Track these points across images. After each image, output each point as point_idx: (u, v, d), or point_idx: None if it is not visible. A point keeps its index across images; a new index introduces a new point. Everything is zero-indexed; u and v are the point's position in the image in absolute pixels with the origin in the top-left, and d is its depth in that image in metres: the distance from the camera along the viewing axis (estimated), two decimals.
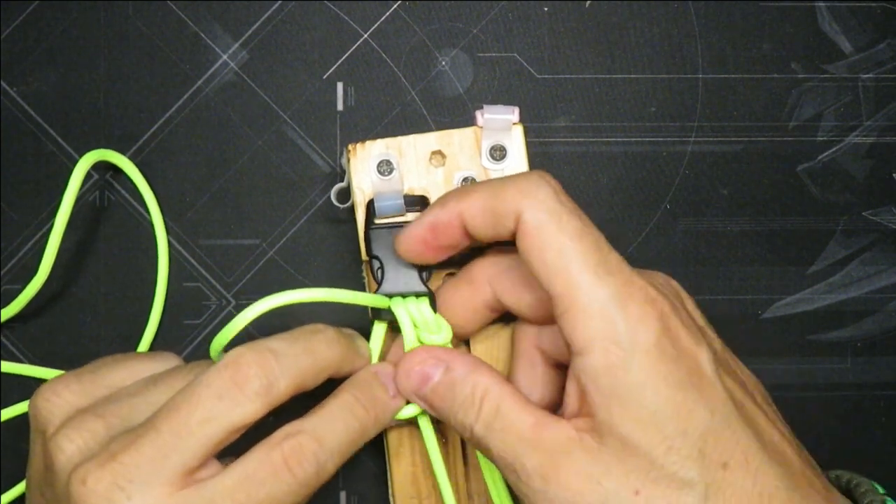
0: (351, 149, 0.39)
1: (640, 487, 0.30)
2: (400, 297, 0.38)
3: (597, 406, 0.31)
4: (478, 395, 0.33)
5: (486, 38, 0.45)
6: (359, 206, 0.39)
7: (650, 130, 0.45)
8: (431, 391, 0.35)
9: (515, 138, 0.40)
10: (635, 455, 0.30)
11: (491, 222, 0.33)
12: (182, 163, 0.45)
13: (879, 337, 0.46)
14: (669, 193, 0.45)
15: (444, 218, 0.35)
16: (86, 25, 0.45)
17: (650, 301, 0.31)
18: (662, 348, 0.31)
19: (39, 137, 0.45)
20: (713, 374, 0.31)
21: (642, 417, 0.30)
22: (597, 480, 0.30)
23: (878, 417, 0.45)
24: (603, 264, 0.31)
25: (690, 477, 0.30)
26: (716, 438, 0.30)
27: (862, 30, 0.46)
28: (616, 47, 0.46)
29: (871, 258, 0.46)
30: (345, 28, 0.45)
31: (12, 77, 0.45)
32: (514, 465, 0.32)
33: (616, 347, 0.30)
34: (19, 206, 0.45)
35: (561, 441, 0.31)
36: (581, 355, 0.31)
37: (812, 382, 0.45)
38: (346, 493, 0.44)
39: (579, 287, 0.31)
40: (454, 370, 0.34)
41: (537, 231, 0.32)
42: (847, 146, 0.46)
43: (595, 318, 0.31)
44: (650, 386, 0.30)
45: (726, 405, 0.31)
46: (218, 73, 0.45)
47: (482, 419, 0.33)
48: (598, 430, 0.31)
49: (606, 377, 0.30)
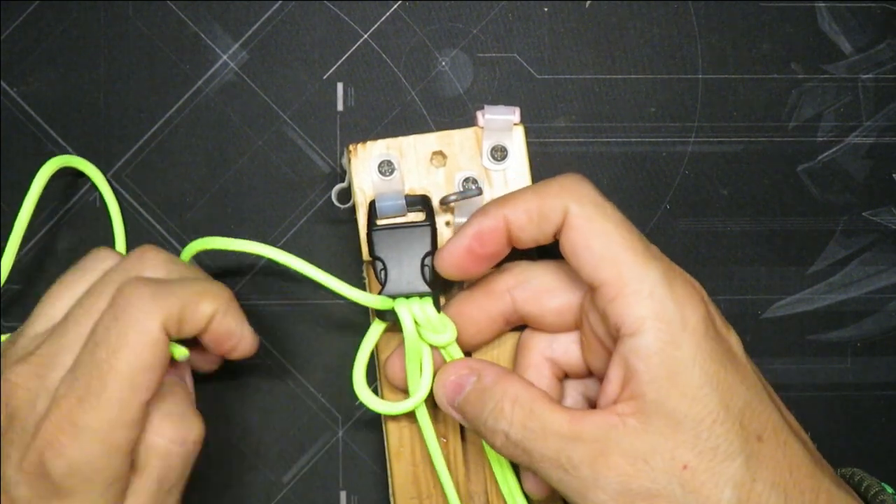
0: (352, 149, 0.39)
1: (687, 461, 0.31)
2: (403, 297, 0.38)
3: (647, 384, 0.32)
4: (508, 399, 0.34)
5: (486, 38, 0.45)
6: (360, 207, 0.39)
7: (650, 130, 0.45)
8: (464, 401, 0.36)
9: (516, 139, 0.40)
10: (681, 431, 0.32)
11: (536, 222, 0.35)
12: (182, 163, 0.45)
13: (879, 337, 0.46)
14: (669, 193, 0.45)
15: (489, 224, 0.35)
16: (86, 25, 0.45)
17: (691, 284, 0.34)
18: (707, 327, 0.33)
19: (39, 137, 0.45)
20: (743, 355, 0.34)
21: (690, 392, 0.32)
22: (644, 460, 0.32)
23: (878, 417, 0.45)
24: (648, 250, 0.34)
25: (733, 449, 0.32)
26: (752, 413, 0.32)
27: (862, 30, 0.46)
28: (616, 47, 0.46)
29: (871, 258, 0.46)
30: (345, 28, 0.45)
31: (12, 77, 0.45)
32: (559, 461, 0.33)
33: (667, 326, 0.32)
34: (19, 206, 0.44)
35: (603, 428, 0.32)
36: (633, 336, 0.32)
37: (812, 382, 0.45)
38: (346, 493, 0.44)
39: (630, 271, 0.33)
40: (484, 379, 0.35)
41: (586, 222, 0.34)
42: (847, 146, 0.46)
43: (646, 300, 0.32)
44: (699, 362, 0.32)
45: (757, 384, 0.34)
46: (218, 73, 0.45)
47: (517, 423, 0.34)
48: (644, 411, 0.32)
49: (659, 355, 0.32)
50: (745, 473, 0.31)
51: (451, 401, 0.36)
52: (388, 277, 0.38)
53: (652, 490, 0.32)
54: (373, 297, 0.37)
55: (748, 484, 0.31)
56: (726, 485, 0.31)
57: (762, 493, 0.32)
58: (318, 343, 0.45)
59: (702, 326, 0.32)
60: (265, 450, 0.44)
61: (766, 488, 0.32)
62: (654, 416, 0.32)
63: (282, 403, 0.44)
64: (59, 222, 0.45)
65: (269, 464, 0.44)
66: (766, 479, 0.32)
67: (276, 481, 0.44)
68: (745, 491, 0.31)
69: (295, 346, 0.45)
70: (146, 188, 0.45)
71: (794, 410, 0.45)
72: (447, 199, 0.38)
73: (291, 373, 0.44)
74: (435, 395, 0.37)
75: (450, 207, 0.40)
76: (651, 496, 0.32)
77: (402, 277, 0.38)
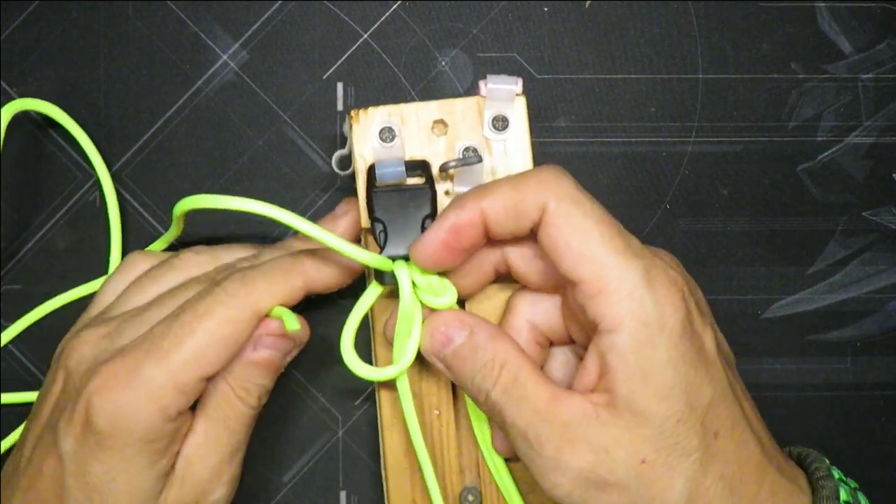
0: (353, 115, 0.39)
1: (646, 456, 0.33)
2: (403, 259, 0.37)
3: (620, 382, 0.33)
4: (498, 361, 0.35)
5: (486, 38, 0.45)
6: (359, 173, 0.39)
7: (650, 130, 0.45)
8: (453, 353, 0.36)
9: (518, 109, 0.40)
10: (647, 427, 0.33)
11: (513, 216, 0.34)
12: (182, 163, 0.45)
13: (879, 337, 0.46)
14: (669, 193, 0.45)
15: (465, 217, 0.35)
16: (86, 25, 0.45)
17: (673, 282, 0.33)
18: (683, 328, 0.33)
19: (39, 138, 0.45)
20: (715, 355, 0.34)
21: (661, 392, 0.32)
22: (606, 451, 0.33)
23: (878, 417, 0.45)
24: (629, 248, 0.33)
25: (691, 446, 0.33)
26: (714, 411, 0.33)
27: (862, 30, 0.46)
28: (616, 47, 0.46)
29: (871, 258, 0.46)
30: (345, 28, 0.45)
31: (12, 77, 0.45)
32: (527, 434, 0.33)
33: (645, 327, 0.32)
34: (19, 206, 0.45)
35: (576, 415, 0.33)
36: (611, 333, 0.33)
37: (812, 382, 0.45)
38: (346, 492, 0.44)
39: (609, 270, 0.33)
40: (477, 335, 0.35)
41: (564, 219, 0.33)
42: (847, 146, 0.46)
43: (625, 300, 0.32)
44: (673, 364, 0.32)
45: (723, 381, 0.34)
46: (218, 73, 0.45)
47: (500, 385, 0.34)
48: (613, 405, 0.33)
49: (634, 354, 0.32)
50: (698, 468, 0.33)
51: (437, 351, 0.36)
52: (387, 239, 0.37)
53: (609, 480, 0.33)
54: (371, 255, 0.37)
55: (700, 478, 0.33)
56: (679, 478, 0.33)
57: (710, 487, 0.33)
58: (317, 343, 0.45)
59: (679, 328, 0.33)
60: (265, 450, 0.44)
61: (715, 481, 0.33)
62: (624, 411, 0.33)
63: (282, 403, 0.44)
64: (59, 222, 0.45)
65: (269, 464, 0.44)
66: (717, 473, 0.33)
67: (276, 481, 0.44)
68: (696, 484, 0.33)
69: None
70: (146, 188, 0.45)
71: (795, 410, 0.45)
72: (447, 166, 0.38)
73: (291, 373, 0.45)
74: (421, 344, 0.37)
75: (449, 175, 0.39)
76: (607, 485, 0.33)
77: (402, 239, 0.37)
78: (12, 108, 0.41)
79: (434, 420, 0.40)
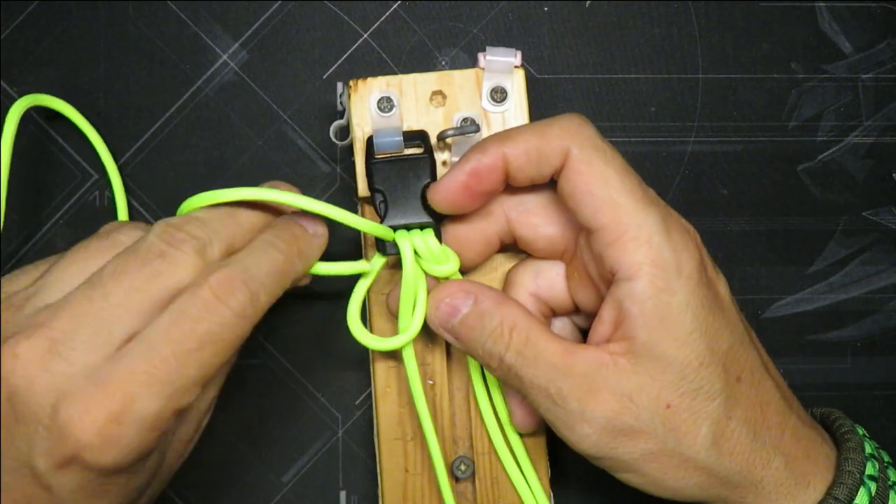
0: (352, 84, 0.39)
1: (670, 401, 0.33)
2: (404, 229, 0.37)
3: (639, 328, 0.33)
4: (507, 325, 0.35)
5: (486, 38, 0.45)
6: (357, 143, 0.39)
7: (650, 130, 0.45)
8: (460, 323, 0.36)
9: (516, 81, 0.40)
10: (668, 372, 0.33)
11: (535, 162, 0.35)
12: (182, 162, 0.45)
13: (879, 337, 0.46)
14: (669, 193, 0.45)
15: (486, 162, 0.35)
16: (86, 25, 0.45)
17: (687, 231, 0.34)
18: (700, 274, 0.33)
19: (39, 138, 0.45)
20: (731, 302, 0.35)
21: (681, 337, 0.33)
22: (630, 398, 0.33)
23: (878, 417, 0.45)
24: (647, 196, 0.34)
25: (714, 390, 0.33)
26: (734, 356, 0.34)
27: (862, 30, 0.46)
28: (616, 47, 0.46)
29: (871, 258, 0.46)
30: (345, 28, 0.45)
31: (12, 77, 0.45)
32: (548, 390, 0.34)
33: (664, 272, 0.33)
34: (19, 206, 0.44)
35: (594, 365, 0.33)
36: (629, 280, 0.33)
37: (812, 382, 0.45)
38: (346, 492, 0.44)
39: (629, 217, 0.33)
40: (482, 302, 0.35)
41: (587, 166, 0.34)
42: (847, 146, 0.46)
43: (643, 246, 0.33)
44: (691, 308, 0.33)
45: (740, 326, 0.35)
46: (218, 73, 0.45)
47: (513, 347, 0.34)
48: (633, 352, 0.33)
49: (653, 300, 0.33)
50: (722, 412, 0.33)
51: (444, 323, 0.36)
52: (387, 209, 0.37)
53: (635, 427, 0.33)
54: (373, 224, 0.36)
55: (724, 421, 0.34)
56: (704, 422, 0.33)
57: (735, 430, 0.34)
58: (318, 343, 0.45)
59: (696, 273, 0.33)
60: (265, 450, 0.44)
61: (739, 425, 0.34)
62: (644, 357, 0.33)
63: (282, 403, 0.44)
64: (59, 222, 0.45)
65: (269, 464, 0.44)
66: (740, 417, 0.34)
67: (276, 481, 0.44)
68: (721, 428, 0.33)
69: (295, 346, 0.45)
70: (146, 188, 0.45)
71: None
72: (444, 135, 0.38)
73: (291, 373, 0.44)
74: (427, 317, 0.37)
75: (447, 145, 0.39)
76: (633, 432, 0.33)
77: (403, 209, 0.37)
78: (23, 104, 0.41)
79: (428, 390, 0.40)
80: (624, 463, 0.34)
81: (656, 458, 0.34)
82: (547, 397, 0.34)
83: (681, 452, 0.33)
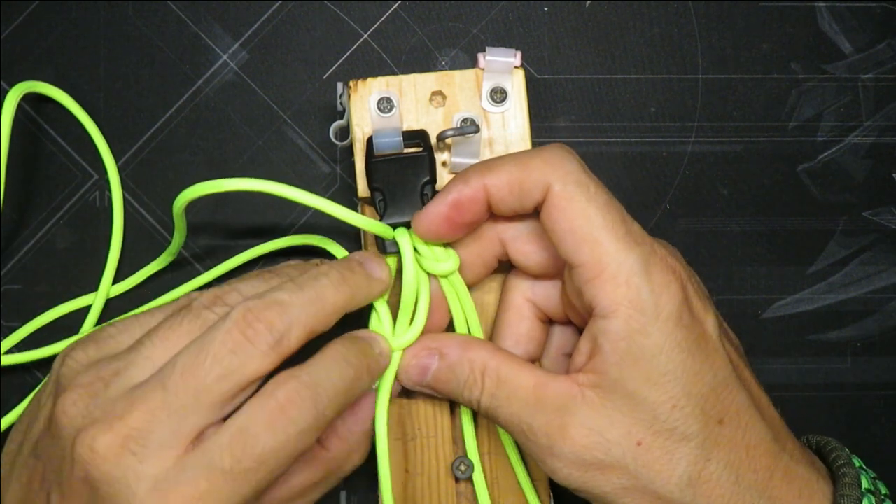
0: (352, 85, 0.39)
1: (641, 438, 0.33)
2: (404, 227, 0.37)
3: (610, 365, 0.33)
4: (477, 371, 0.35)
5: (486, 38, 0.45)
6: (357, 143, 0.39)
7: (650, 130, 0.45)
8: (434, 379, 0.36)
9: (516, 82, 0.40)
10: (640, 410, 0.33)
11: (517, 195, 0.34)
12: (182, 163, 0.45)
13: (879, 337, 0.46)
14: (669, 193, 0.45)
15: (468, 193, 0.35)
16: (86, 25, 0.45)
17: (671, 270, 0.33)
18: (679, 316, 0.33)
19: (39, 138, 0.45)
20: (717, 340, 0.34)
21: (653, 378, 0.33)
22: (599, 433, 0.33)
23: (878, 417, 0.45)
24: (629, 234, 0.33)
25: (691, 431, 0.33)
26: (716, 397, 0.33)
27: (862, 30, 0.46)
28: (616, 47, 0.46)
29: (871, 258, 0.46)
30: (345, 28, 0.45)
31: (12, 77, 0.45)
32: (521, 427, 0.34)
33: (639, 315, 0.32)
34: (19, 206, 0.45)
35: (563, 398, 0.33)
36: (604, 318, 0.33)
37: (812, 382, 0.45)
38: (346, 492, 0.44)
39: (608, 256, 0.33)
40: (448, 355, 0.36)
41: (567, 201, 0.33)
42: (847, 146, 0.46)
43: (622, 286, 0.33)
44: (665, 351, 0.32)
45: (726, 368, 0.34)
46: (218, 73, 0.45)
47: (487, 391, 0.35)
48: (603, 387, 0.33)
49: (626, 341, 0.33)
50: (700, 454, 0.33)
51: (418, 383, 0.37)
52: (387, 207, 0.37)
53: (605, 461, 0.33)
54: (372, 221, 0.36)
55: (701, 463, 0.33)
56: (679, 462, 0.33)
57: (714, 472, 0.33)
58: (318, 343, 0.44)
59: (675, 315, 0.33)
60: None
61: (720, 468, 0.33)
62: (614, 393, 0.33)
63: None
64: (59, 222, 0.45)
65: None
66: (721, 459, 0.33)
67: None
68: (698, 469, 0.33)
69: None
70: (146, 188, 0.45)
71: (795, 410, 0.45)
72: (444, 135, 0.38)
73: None
74: (400, 380, 0.37)
75: (446, 145, 0.39)
76: (605, 466, 0.33)
77: (402, 206, 0.37)
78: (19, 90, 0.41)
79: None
80: (598, 496, 0.34)
81: (629, 493, 0.33)
82: (521, 433, 0.34)
83: (654, 490, 0.33)
